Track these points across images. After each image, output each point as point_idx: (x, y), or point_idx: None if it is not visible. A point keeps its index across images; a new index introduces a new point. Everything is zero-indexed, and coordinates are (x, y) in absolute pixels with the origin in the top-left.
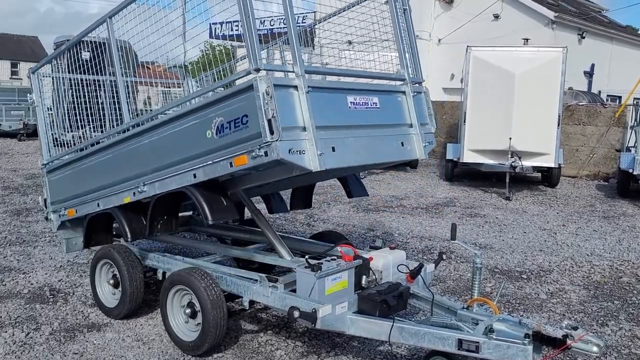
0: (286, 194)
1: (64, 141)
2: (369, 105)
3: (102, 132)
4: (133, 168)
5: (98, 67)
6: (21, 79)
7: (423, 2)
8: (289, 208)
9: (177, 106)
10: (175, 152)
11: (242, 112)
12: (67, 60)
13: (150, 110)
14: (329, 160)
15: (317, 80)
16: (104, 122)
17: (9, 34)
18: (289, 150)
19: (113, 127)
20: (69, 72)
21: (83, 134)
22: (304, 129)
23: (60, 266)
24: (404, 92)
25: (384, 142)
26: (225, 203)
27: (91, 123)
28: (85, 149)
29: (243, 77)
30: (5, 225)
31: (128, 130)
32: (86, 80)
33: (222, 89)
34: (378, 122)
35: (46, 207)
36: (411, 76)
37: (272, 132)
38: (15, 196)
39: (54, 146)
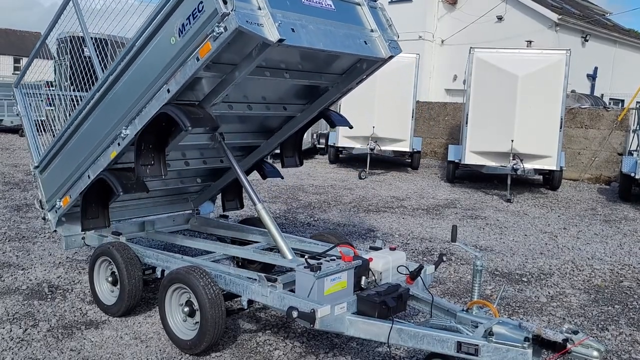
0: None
1: None
2: (324, 5)
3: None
4: (115, 117)
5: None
6: None
7: (427, 3)
8: (280, 168)
9: (140, 36)
10: (148, 76)
11: (197, 1)
12: (70, 58)
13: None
14: (289, 37)
15: None
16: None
17: (12, 29)
18: (246, 21)
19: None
20: (71, 70)
21: None
22: (259, 8)
23: (59, 263)
24: (358, 4)
25: (346, 36)
26: (203, 114)
27: None
28: (69, 127)
29: None
30: (5, 220)
31: (104, 83)
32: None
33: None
34: (336, 20)
35: (43, 208)
36: None
37: (225, 2)
38: (15, 192)
39: None
